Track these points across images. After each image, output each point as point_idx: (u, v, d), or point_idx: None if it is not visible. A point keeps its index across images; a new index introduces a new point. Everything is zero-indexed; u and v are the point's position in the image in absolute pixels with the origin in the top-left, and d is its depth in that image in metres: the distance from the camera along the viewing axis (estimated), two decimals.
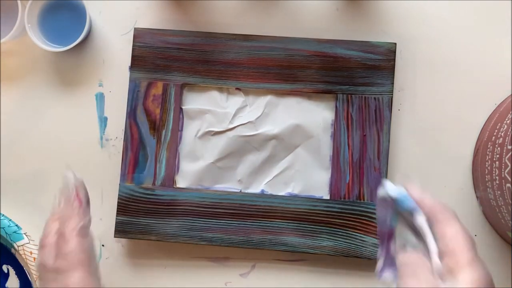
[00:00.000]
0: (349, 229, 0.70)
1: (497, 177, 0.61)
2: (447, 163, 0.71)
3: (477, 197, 0.70)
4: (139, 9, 0.75)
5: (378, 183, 0.68)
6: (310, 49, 0.72)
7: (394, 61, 0.71)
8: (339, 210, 0.70)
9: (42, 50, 0.72)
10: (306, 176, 0.72)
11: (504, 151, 0.60)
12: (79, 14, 0.73)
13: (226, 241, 0.70)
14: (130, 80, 0.73)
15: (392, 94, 0.70)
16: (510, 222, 0.61)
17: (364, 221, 0.69)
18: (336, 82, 0.71)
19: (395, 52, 0.71)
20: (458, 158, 0.71)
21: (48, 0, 0.73)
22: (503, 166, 0.60)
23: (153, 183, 0.72)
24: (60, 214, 0.58)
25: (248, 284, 0.72)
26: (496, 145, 0.63)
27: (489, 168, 0.64)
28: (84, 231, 0.57)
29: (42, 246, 0.57)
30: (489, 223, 0.70)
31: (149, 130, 0.72)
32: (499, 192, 0.61)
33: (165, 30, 0.73)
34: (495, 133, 0.64)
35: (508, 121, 0.62)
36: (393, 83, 0.71)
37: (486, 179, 0.64)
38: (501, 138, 0.62)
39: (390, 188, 0.50)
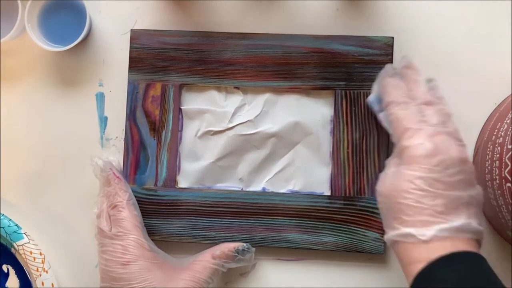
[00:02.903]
0: (350, 224, 0.70)
1: (497, 177, 0.61)
2: None
3: None
4: (139, 9, 0.75)
5: (378, 178, 0.68)
6: (307, 46, 0.71)
7: (392, 56, 0.70)
8: (340, 206, 0.70)
9: (42, 50, 0.72)
10: (307, 173, 0.72)
11: (504, 150, 0.60)
12: (79, 14, 0.72)
13: (229, 240, 0.71)
14: (129, 82, 0.73)
15: None
16: (510, 221, 0.61)
17: (366, 216, 0.69)
18: (334, 78, 0.71)
19: (392, 46, 0.70)
20: None
21: (48, 0, 0.73)
22: (503, 166, 0.60)
23: (155, 184, 0.72)
24: (106, 193, 0.68)
25: (248, 284, 0.72)
26: (496, 145, 0.62)
27: (489, 167, 0.63)
28: (132, 201, 0.68)
29: (98, 216, 0.67)
30: (489, 223, 0.69)
31: (149, 131, 0.72)
32: (499, 191, 0.61)
33: (161, 30, 0.73)
34: (495, 133, 0.64)
35: (508, 121, 0.62)
36: None
37: (486, 179, 0.64)
38: (501, 138, 0.62)
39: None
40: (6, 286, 0.74)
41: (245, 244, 0.69)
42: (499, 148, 0.61)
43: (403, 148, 0.58)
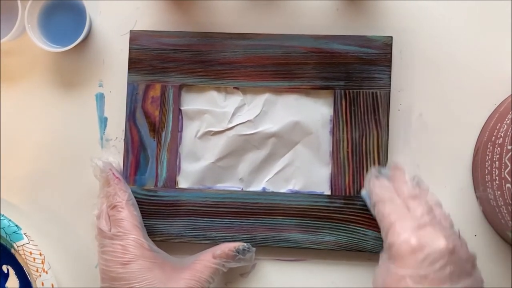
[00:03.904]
0: (350, 224, 0.70)
1: (497, 177, 0.61)
2: (447, 163, 0.70)
3: (477, 197, 0.70)
4: (139, 9, 0.75)
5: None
6: (306, 46, 0.71)
7: (391, 55, 0.70)
8: (340, 205, 0.70)
9: (42, 50, 0.72)
10: (307, 173, 0.72)
11: (504, 151, 0.60)
12: (79, 14, 0.73)
13: (230, 240, 0.71)
14: (128, 83, 0.73)
15: (389, 88, 0.70)
16: (510, 222, 0.61)
17: (366, 215, 0.70)
18: (334, 78, 0.71)
19: (391, 45, 0.70)
20: (458, 158, 0.70)
21: (48, 0, 0.73)
22: (503, 166, 0.60)
23: (155, 185, 0.72)
24: (106, 193, 0.68)
25: (248, 284, 0.72)
26: (496, 145, 0.62)
27: (489, 168, 0.63)
28: (131, 201, 0.68)
29: (98, 217, 0.67)
30: (489, 223, 0.69)
31: (149, 132, 0.72)
32: (499, 192, 0.61)
33: (161, 31, 0.73)
34: (495, 133, 0.64)
35: (508, 121, 0.62)
36: (390, 77, 0.70)
37: (486, 179, 0.64)
38: (501, 138, 0.62)
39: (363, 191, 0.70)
40: (6, 286, 0.74)
41: (245, 244, 0.69)
42: (498, 148, 0.61)
43: (390, 244, 0.59)
